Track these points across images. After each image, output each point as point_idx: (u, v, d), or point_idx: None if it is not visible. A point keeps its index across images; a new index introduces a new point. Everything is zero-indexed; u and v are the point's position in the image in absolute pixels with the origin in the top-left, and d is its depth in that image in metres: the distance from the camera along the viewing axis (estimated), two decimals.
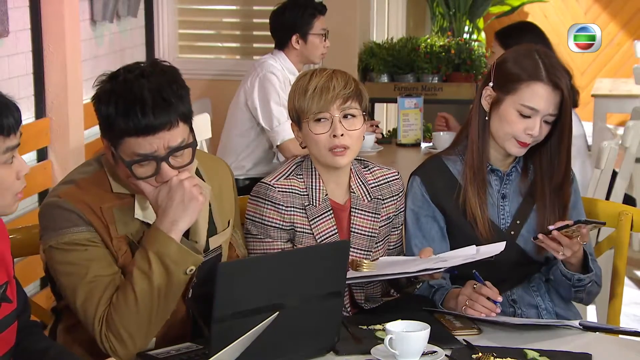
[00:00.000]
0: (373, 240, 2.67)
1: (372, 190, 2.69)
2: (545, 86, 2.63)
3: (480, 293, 2.49)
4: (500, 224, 2.72)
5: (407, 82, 6.07)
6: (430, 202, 2.73)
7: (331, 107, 2.57)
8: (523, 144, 2.66)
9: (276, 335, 2.11)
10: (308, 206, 2.60)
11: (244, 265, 2.18)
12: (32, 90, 4.34)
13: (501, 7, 8.44)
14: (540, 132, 2.64)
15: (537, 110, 2.63)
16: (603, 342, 2.42)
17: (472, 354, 2.26)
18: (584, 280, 2.66)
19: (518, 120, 2.65)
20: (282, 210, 2.58)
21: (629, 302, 5.06)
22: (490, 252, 2.49)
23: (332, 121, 2.57)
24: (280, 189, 2.59)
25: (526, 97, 2.63)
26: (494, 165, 2.73)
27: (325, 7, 4.91)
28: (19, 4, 4.19)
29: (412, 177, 2.78)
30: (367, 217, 2.67)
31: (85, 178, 2.33)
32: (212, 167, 2.51)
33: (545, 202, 2.71)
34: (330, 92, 2.57)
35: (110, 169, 2.32)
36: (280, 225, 2.59)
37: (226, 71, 6.04)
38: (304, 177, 2.63)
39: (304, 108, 2.59)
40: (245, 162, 4.81)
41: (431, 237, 2.71)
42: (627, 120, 6.07)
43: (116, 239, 2.28)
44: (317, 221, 2.61)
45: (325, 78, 2.59)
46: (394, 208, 2.72)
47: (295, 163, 2.66)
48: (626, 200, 4.40)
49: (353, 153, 2.61)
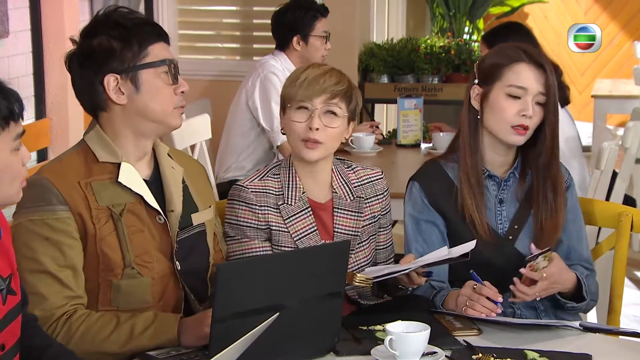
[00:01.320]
0: (356, 239, 2.67)
1: (355, 189, 2.69)
2: (528, 65, 2.65)
3: (480, 293, 2.49)
4: (498, 228, 2.72)
5: (407, 82, 6.08)
6: (430, 207, 2.73)
7: (315, 99, 2.58)
8: (520, 130, 2.65)
9: (276, 336, 2.11)
10: (282, 205, 2.61)
11: (244, 266, 2.18)
12: (32, 90, 4.35)
13: (501, 7, 8.45)
14: (533, 113, 2.64)
15: (525, 89, 2.64)
16: (603, 342, 2.42)
17: (472, 354, 2.26)
18: (578, 308, 2.67)
19: (509, 104, 2.65)
20: (256, 210, 2.59)
21: (628, 303, 5.06)
22: (462, 251, 2.49)
23: (311, 112, 2.59)
24: (253, 189, 2.61)
25: (512, 78, 2.65)
26: (492, 172, 2.73)
27: (327, 9, 4.90)
28: (19, 5, 4.20)
29: (411, 182, 2.78)
30: (349, 217, 2.67)
31: (68, 155, 2.40)
32: (182, 158, 2.58)
33: (540, 203, 2.70)
34: (319, 84, 2.58)
35: (97, 139, 2.39)
36: (255, 225, 2.60)
37: (226, 72, 6.04)
38: (281, 177, 2.64)
39: (290, 94, 2.61)
40: (246, 162, 4.81)
41: (431, 242, 2.71)
42: (627, 120, 6.07)
43: (96, 210, 2.32)
44: (292, 220, 2.61)
45: (319, 72, 2.61)
46: (379, 207, 2.72)
47: (273, 164, 2.68)
48: (626, 201, 4.40)
49: (325, 150, 2.61)
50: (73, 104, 4.48)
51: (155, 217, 2.40)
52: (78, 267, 2.32)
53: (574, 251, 2.76)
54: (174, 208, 2.43)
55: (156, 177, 2.45)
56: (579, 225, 2.78)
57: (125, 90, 2.36)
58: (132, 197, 2.37)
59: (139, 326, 2.27)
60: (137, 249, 2.35)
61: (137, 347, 2.26)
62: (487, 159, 2.72)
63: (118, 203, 2.35)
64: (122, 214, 2.34)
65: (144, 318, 2.28)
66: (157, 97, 2.37)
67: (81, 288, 2.33)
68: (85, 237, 2.32)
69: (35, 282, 2.28)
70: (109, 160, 2.37)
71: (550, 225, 2.69)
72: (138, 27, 2.36)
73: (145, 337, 2.26)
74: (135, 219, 2.36)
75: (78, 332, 2.27)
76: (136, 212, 2.37)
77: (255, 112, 4.71)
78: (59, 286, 2.29)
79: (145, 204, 2.38)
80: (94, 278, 2.34)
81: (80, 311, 2.30)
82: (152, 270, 2.37)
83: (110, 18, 2.37)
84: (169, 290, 2.41)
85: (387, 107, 7.24)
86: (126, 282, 2.34)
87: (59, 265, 2.29)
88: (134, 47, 2.34)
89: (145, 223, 2.38)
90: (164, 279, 2.39)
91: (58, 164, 2.38)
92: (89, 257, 2.33)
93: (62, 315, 2.29)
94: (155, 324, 2.27)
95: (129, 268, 2.34)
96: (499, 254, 2.69)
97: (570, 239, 2.76)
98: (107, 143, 2.38)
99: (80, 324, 2.28)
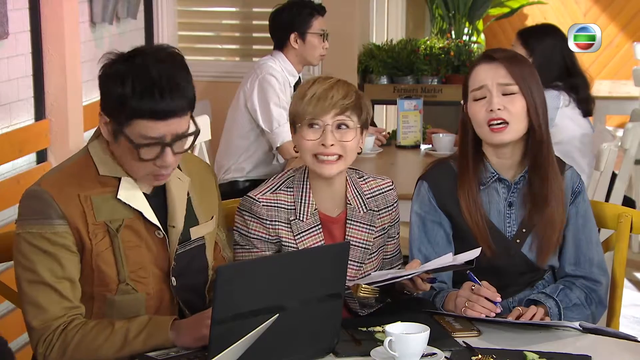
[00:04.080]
0: (367, 252, 2.66)
1: (367, 201, 2.68)
2: (481, 65, 2.68)
3: (478, 294, 2.49)
4: (506, 232, 2.72)
5: (407, 83, 6.08)
6: (437, 208, 2.73)
7: (326, 115, 2.56)
8: (495, 127, 2.64)
9: (276, 337, 2.11)
10: (294, 221, 2.59)
11: (244, 268, 2.18)
12: (31, 92, 4.34)
13: (501, 9, 8.44)
14: (504, 103, 2.63)
15: (481, 86, 2.65)
16: (603, 343, 2.42)
17: (472, 355, 2.26)
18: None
19: (476, 106, 2.66)
20: (267, 225, 2.59)
21: (628, 304, 5.06)
22: (466, 259, 2.49)
23: (323, 129, 2.57)
24: (265, 204, 2.59)
25: (471, 83, 2.69)
26: (501, 175, 2.72)
27: (324, 8, 4.91)
28: (19, 6, 4.19)
29: (420, 181, 2.77)
30: (362, 229, 2.66)
31: (70, 164, 2.37)
32: (192, 163, 2.54)
33: (545, 209, 2.69)
34: (328, 100, 2.55)
35: (99, 150, 2.35)
36: (266, 239, 2.59)
37: (226, 73, 6.04)
38: (294, 191, 2.62)
39: (300, 112, 2.58)
40: (245, 164, 4.81)
41: (436, 243, 2.71)
42: (626, 122, 6.07)
43: (93, 225, 2.31)
44: (302, 236, 2.60)
45: (326, 86, 2.58)
46: (389, 219, 2.71)
47: (287, 176, 2.65)
48: (625, 202, 4.40)
49: (344, 164, 2.59)
50: (72, 105, 4.47)
51: (154, 232, 2.38)
52: (75, 279, 2.32)
53: (583, 256, 2.75)
54: (175, 224, 2.41)
55: (160, 190, 2.42)
56: (589, 231, 2.76)
57: (108, 133, 2.32)
58: (130, 213, 2.35)
59: (132, 331, 2.26)
60: (133, 264, 2.35)
61: (132, 351, 2.26)
62: (493, 163, 2.72)
63: (116, 218, 2.33)
64: (119, 230, 2.33)
65: (138, 322, 2.28)
66: (129, 162, 2.32)
67: (78, 299, 2.33)
68: (82, 251, 2.32)
69: (34, 293, 2.28)
70: (109, 174, 2.35)
71: (546, 231, 2.69)
72: (146, 89, 2.22)
73: (139, 341, 2.25)
74: (132, 235, 2.35)
75: (73, 341, 2.27)
76: (134, 228, 2.35)
77: (254, 113, 4.71)
78: (58, 297, 2.29)
79: (145, 218, 2.36)
80: (88, 292, 2.34)
81: (76, 320, 2.30)
82: (147, 286, 2.37)
83: (149, 55, 2.28)
84: (164, 305, 2.41)
85: (386, 109, 7.23)
86: (120, 297, 2.34)
87: (57, 277, 2.28)
88: (125, 111, 2.24)
89: (143, 238, 2.36)
90: (159, 294, 2.39)
91: (59, 174, 2.35)
92: (85, 271, 2.33)
93: (59, 326, 2.28)
94: (148, 327, 2.27)
95: (124, 284, 2.34)
96: (506, 257, 2.69)
97: (579, 244, 2.75)
98: (109, 157, 2.36)
99: (76, 333, 2.28)
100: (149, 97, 2.21)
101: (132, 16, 5.48)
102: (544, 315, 2.56)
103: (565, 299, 2.66)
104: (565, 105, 4.44)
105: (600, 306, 2.75)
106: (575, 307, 2.67)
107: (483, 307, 2.47)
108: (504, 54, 2.69)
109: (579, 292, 2.70)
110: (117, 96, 2.24)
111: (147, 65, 2.24)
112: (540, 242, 2.70)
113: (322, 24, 4.83)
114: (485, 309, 2.47)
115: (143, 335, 2.26)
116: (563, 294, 2.67)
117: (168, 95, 2.22)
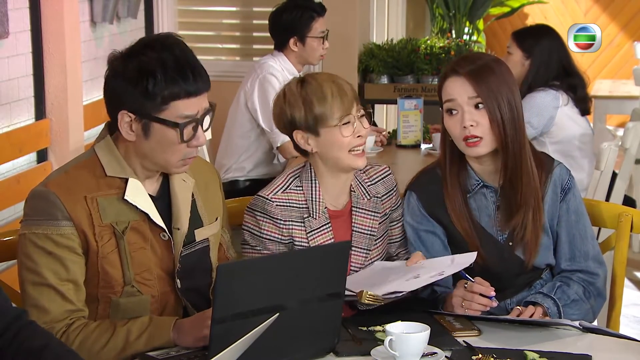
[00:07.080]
0: (372, 238, 2.70)
1: (369, 188, 2.72)
2: (449, 78, 2.67)
3: (472, 291, 2.50)
4: (497, 235, 2.72)
5: (407, 83, 6.08)
6: (428, 218, 2.74)
7: (352, 108, 2.61)
8: (469, 142, 2.63)
9: (276, 336, 2.11)
10: (307, 218, 2.61)
11: (244, 266, 2.18)
12: (32, 91, 4.34)
13: (501, 8, 8.45)
14: (472, 119, 2.62)
15: (452, 99, 2.65)
16: (603, 343, 2.42)
17: (472, 355, 2.26)
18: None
19: (451, 121, 2.66)
20: (281, 225, 2.60)
21: (628, 304, 5.06)
22: (464, 262, 2.50)
23: (354, 122, 2.61)
24: (278, 204, 2.60)
25: (443, 95, 2.68)
26: (486, 182, 2.72)
27: (324, 8, 4.89)
28: (19, 6, 4.19)
29: (408, 192, 2.78)
30: (367, 216, 2.69)
31: (77, 165, 2.36)
32: (196, 165, 2.53)
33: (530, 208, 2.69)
34: (347, 93, 2.60)
35: (107, 152, 2.34)
36: (278, 239, 2.60)
37: (226, 72, 6.04)
38: (304, 189, 2.64)
39: (326, 113, 2.59)
40: (246, 163, 4.81)
41: (434, 251, 2.72)
42: (626, 121, 6.07)
43: (99, 227, 2.30)
44: (314, 234, 2.62)
45: (335, 83, 2.61)
46: (390, 204, 2.75)
47: (292, 175, 2.66)
48: (626, 201, 4.40)
49: (365, 152, 2.67)
50: (73, 105, 4.48)
51: (159, 234, 2.38)
52: (80, 281, 2.31)
53: (577, 251, 2.75)
54: (180, 226, 2.41)
55: (164, 192, 2.42)
56: (582, 226, 2.76)
57: (135, 130, 2.31)
58: (136, 215, 2.34)
59: (134, 333, 2.26)
60: (138, 266, 2.34)
61: (133, 353, 2.25)
62: (477, 170, 2.72)
63: (122, 220, 2.33)
64: (124, 232, 2.32)
65: (140, 323, 2.28)
66: (165, 150, 2.32)
67: (82, 302, 2.32)
68: (87, 253, 2.31)
69: (37, 294, 2.27)
70: (117, 175, 2.34)
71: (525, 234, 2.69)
72: (176, 71, 2.27)
73: (140, 342, 2.25)
74: (137, 237, 2.34)
75: (75, 343, 2.26)
76: (140, 230, 2.35)
77: (255, 113, 4.71)
78: (61, 300, 2.28)
79: (150, 220, 2.36)
80: (93, 294, 2.34)
81: (78, 322, 2.29)
82: (152, 288, 2.37)
83: (161, 43, 2.31)
84: (169, 307, 2.41)
85: (387, 108, 7.24)
86: (125, 300, 2.34)
87: (60, 279, 2.28)
88: (157, 98, 2.27)
89: (148, 240, 2.36)
90: (164, 296, 2.39)
91: (65, 176, 2.33)
92: (90, 273, 2.32)
93: (61, 329, 2.28)
94: (149, 328, 2.26)
95: (129, 286, 2.33)
96: (499, 261, 2.69)
97: (573, 240, 2.75)
98: (117, 157, 2.35)
99: (77, 335, 2.27)
100: (182, 78, 2.26)
101: (133, 16, 5.48)
102: (542, 315, 2.57)
103: (564, 296, 2.66)
104: (564, 105, 4.45)
105: (600, 298, 2.75)
106: (574, 304, 2.67)
107: (479, 304, 2.48)
108: (469, 67, 2.64)
109: (576, 287, 2.70)
110: (145, 87, 2.25)
111: (168, 49, 2.28)
112: (524, 245, 2.70)
113: (322, 25, 4.82)
114: (482, 305, 2.48)
115: (145, 337, 2.25)
116: (561, 292, 2.66)
117: (197, 73, 2.29)
